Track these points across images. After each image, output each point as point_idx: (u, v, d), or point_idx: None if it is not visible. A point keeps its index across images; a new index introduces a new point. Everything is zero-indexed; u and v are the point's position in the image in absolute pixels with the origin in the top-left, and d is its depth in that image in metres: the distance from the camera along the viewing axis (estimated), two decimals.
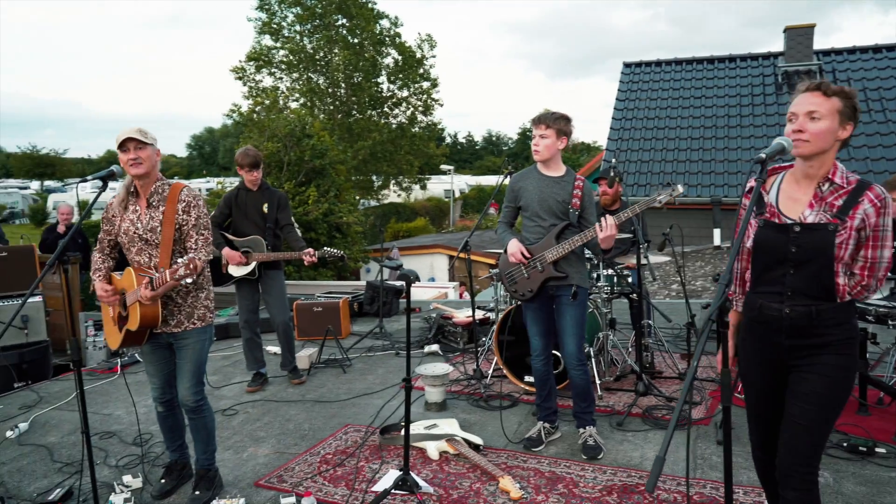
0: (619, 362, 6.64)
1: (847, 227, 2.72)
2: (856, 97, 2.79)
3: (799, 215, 2.80)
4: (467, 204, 47.29)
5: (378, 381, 6.92)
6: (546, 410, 5.08)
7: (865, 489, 4.17)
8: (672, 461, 4.61)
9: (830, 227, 2.73)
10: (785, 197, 2.88)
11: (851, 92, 2.77)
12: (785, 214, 2.84)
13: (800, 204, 2.83)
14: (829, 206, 2.76)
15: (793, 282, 2.80)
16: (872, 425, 4.99)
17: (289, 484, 4.52)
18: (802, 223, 2.78)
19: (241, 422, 5.82)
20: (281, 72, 31.78)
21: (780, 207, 2.87)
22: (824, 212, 2.76)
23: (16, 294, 7.84)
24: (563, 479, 4.43)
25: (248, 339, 6.76)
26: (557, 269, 4.71)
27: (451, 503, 4.16)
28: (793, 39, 18.59)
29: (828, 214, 2.75)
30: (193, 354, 4.21)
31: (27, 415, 6.22)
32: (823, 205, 2.77)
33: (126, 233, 4.12)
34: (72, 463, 5.08)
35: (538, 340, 4.94)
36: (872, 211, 2.72)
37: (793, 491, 2.83)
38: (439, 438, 4.98)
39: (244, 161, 6.43)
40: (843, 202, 2.75)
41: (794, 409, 2.84)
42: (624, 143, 18.45)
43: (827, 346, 2.80)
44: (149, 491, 4.49)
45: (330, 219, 17.42)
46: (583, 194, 4.75)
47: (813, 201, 2.80)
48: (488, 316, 8.34)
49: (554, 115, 4.68)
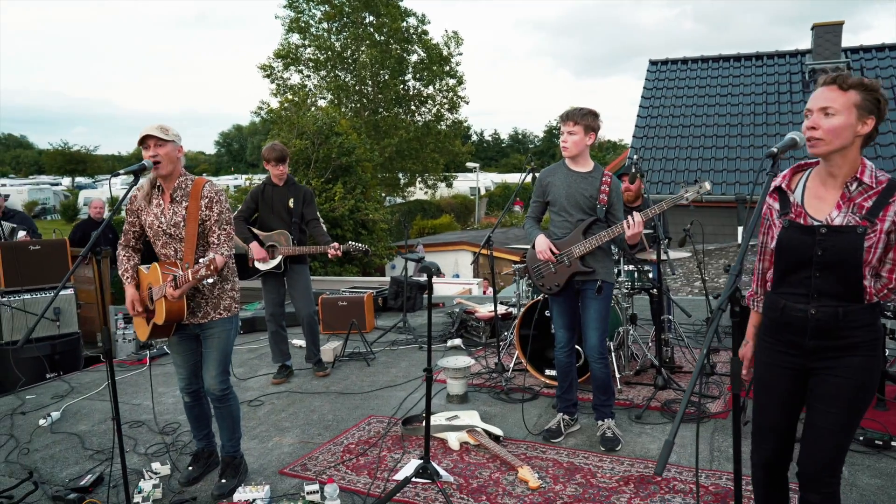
0: (639, 357, 6.69)
1: (877, 229, 2.62)
2: (879, 89, 2.64)
3: (826, 216, 2.70)
4: (493, 201, 47.25)
5: (401, 374, 7.01)
6: (566, 402, 5.15)
7: (880, 482, 4.20)
8: (689, 453, 4.67)
9: (859, 229, 2.62)
10: (811, 196, 2.77)
11: (872, 84, 2.64)
12: (811, 215, 2.73)
13: (826, 204, 2.72)
14: (857, 206, 2.65)
15: (818, 284, 2.71)
16: (890, 420, 5.01)
17: (312, 472, 4.63)
18: (829, 225, 2.68)
19: (267, 412, 5.94)
20: (308, 69, 31.95)
21: (805, 207, 2.76)
22: (853, 213, 2.65)
23: (48, 286, 7.99)
24: (581, 470, 4.51)
25: (274, 332, 6.87)
26: (584, 265, 4.78)
27: (471, 492, 4.25)
28: (820, 37, 18.45)
29: (856, 216, 2.64)
30: (219, 344, 4.32)
31: (59, 404, 6.36)
32: (852, 206, 2.66)
33: (151, 227, 4.25)
34: (102, 451, 5.21)
35: (563, 333, 5.02)
36: None
37: (816, 494, 2.80)
38: (460, 429, 5.07)
39: (270, 155, 6.54)
40: (872, 203, 2.64)
41: (817, 413, 2.79)
42: (649, 140, 18.42)
43: (852, 347, 2.71)
44: (176, 478, 4.61)
45: (356, 216, 17.55)
46: (610, 190, 4.81)
47: (840, 202, 2.69)
48: (510, 311, 8.41)
49: (582, 112, 4.73)
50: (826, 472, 2.76)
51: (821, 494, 2.78)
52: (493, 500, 4.13)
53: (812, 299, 2.71)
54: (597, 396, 5.02)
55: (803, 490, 2.85)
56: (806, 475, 2.81)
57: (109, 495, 4.35)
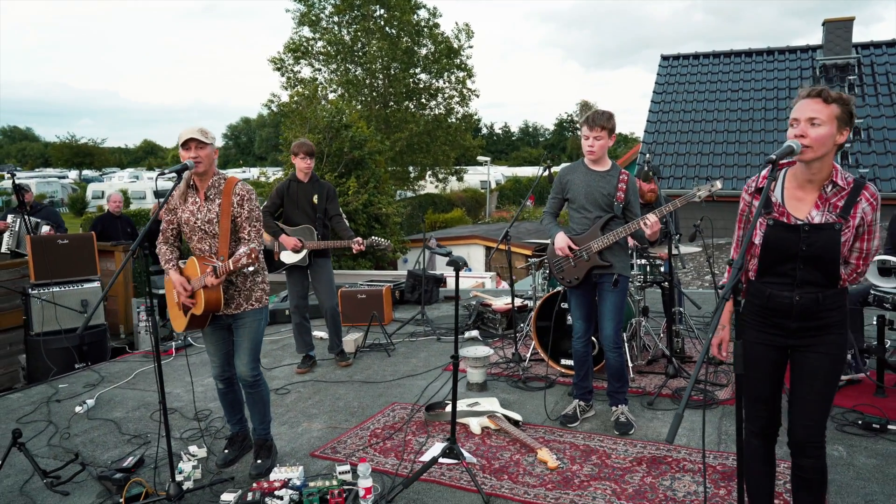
0: (651, 347, 6.93)
1: (850, 225, 2.96)
2: (852, 103, 2.96)
3: (806, 215, 3.02)
4: (503, 195, 47.30)
5: (421, 364, 7.25)
6: (582, 389, 5.40)
7: (876, 461, 4.48)
8: (699, 437, 4.91)
9: (837, 226, 2.96)
10: (790, 197, 3.08)
11: (848, 98, 2.95)
12: (793, 214, 3.05)
13: (805, 204, 3.04)
14: (833, 206, 2.98)
15: (802, 274, 3.03)
16: (888, 405, 5.30)
17: (342, 454, 4.89)
18: (811, 223, 3.00)
19: (294, 400, 6.20)
20: (319, 62, 32.00)
21: (787, 208, 3.08)
22: (829, 212, 2.98)
23: (76, 279, 8.25)
24: (597, 452, 4.77)
25: (298, 324, 7.12)
26: (602, 259, 5.03)
27: (494, 472, 4.51)
28: (831, 33, 18.55)
29: (833, 214, 2.97)
30: (251, 333, 4.59)
31: (92, 392, 6.63)
32: (828, 205, 2.98)
33: (187, 223, 4.51)
34: (139, 435, 5.47)
35: (580, 324, 5.27)
36: (869, 209, 2.97)
37: (808, 458, 3.16)
38: (481, 415, 5.32)
39: (300, 149, 6.79)
40: (844, 202, 2.97)
41: (803, 385, 3.13)
42: (661, 135, 18.58)
43: (829, 326, 3.08)
44: (213, 460, 4.87)
45: (369, 209, 17.69)
46: (627, 188, 5.06)
47: (818, 202, 3.01)
48: (526, 303, 8.64)
49: (605, 116, 4.97)
50: (815, 437, 3.13)
51: (812, 458, 3.16)
52: (515, 479, 4.39)
53: (796, 287, 3.05)
54: (611, 383, 5.27)
55: (796, 457, 3.22)
56: (797, 443, 3.17)
57: (156, 474, 4.61)
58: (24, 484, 4.62)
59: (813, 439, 3.14)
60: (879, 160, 15.77)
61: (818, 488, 3.20)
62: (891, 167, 15.51)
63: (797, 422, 3.16)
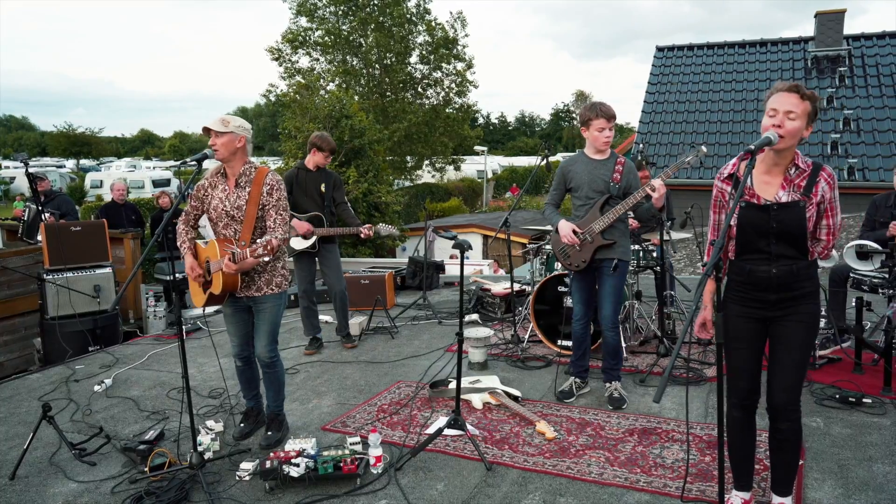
0: (644, 329, 7.24)
1: (812, 202, 3.29)
2: (818, 101, 3.31)
3: (774, 196, 3.33)
4: (500, 185, 47.48)
5: (423, 345, 7.54)
6: (579, 368, 5.71)
7: (850, 431, 4.83)
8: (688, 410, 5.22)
9: (801, 203, 3.28)
10: (759, 182, 3.39)
11: (818, 97, 3.30)
12: (763, 196, 3.36)
13: (772, 186, 3.35)
14: (796, 186, 3.30)
15: (776, 249, 3.34)
16: (864, 381, 5.68)
17: (352, 428, 5.20)
18: (779, 203, 3.31)
19: (304, 379, 6.49)
20: (317, 53, 32.06)
21: (756, 190, 3.38)
22: (794, 191, 3.30)
23: (89, 265, 8.51)
24: (592, 424, 5.09)
25: (306, 308, 7.39)
26: (605, 237, 5.31)
27: (495, 442, 4.82)
28: (823, 24, 18.86)
29: (797, 193, 3.30)
30: (270, 317, 4.86)
31: (108, 373, 6.89)
32: (792, 185, 3.31)
33: (215, 209, 4.76)
34: (157, 412, 5.75)
35: (580, 307, 5.57)
36: (827, 187, 3.30)
37: (786, 422, 3.47)
38: (482, 391, 5.64)
39: (325, 146, 7.09)
40: (806, 182, 3.30)
41: (782, 353, 3.43)
42: (655, 126, 18.88)
43: (804, 296, 3.39)
44: (229, 433, 5.17)
45: (369, 198, 17.90)
46: (624, 170, 5.35)
47: (784, 183, 3.33)
48: (524, 288, 8.93)
49: (612, 108, 5.27)
50: (792, 400, 3.43)
51: (789, 422, 3.47)
52: (515, 449, 4.70)
53: (773, 261, 3.36)
54: (606, 360, 5.57)
55: (774, 421, 3.52)
56: (775, 407, 3.48)
57: (178, 446, 4.90)
58: (53, 455, 4.90)
59: (790, 403, 3.43)
60: (868, 150, 16.10)
61: (793, 448, 3.50)
62: (879, 157, 15.83)
63: (776, 387, 3.45)
